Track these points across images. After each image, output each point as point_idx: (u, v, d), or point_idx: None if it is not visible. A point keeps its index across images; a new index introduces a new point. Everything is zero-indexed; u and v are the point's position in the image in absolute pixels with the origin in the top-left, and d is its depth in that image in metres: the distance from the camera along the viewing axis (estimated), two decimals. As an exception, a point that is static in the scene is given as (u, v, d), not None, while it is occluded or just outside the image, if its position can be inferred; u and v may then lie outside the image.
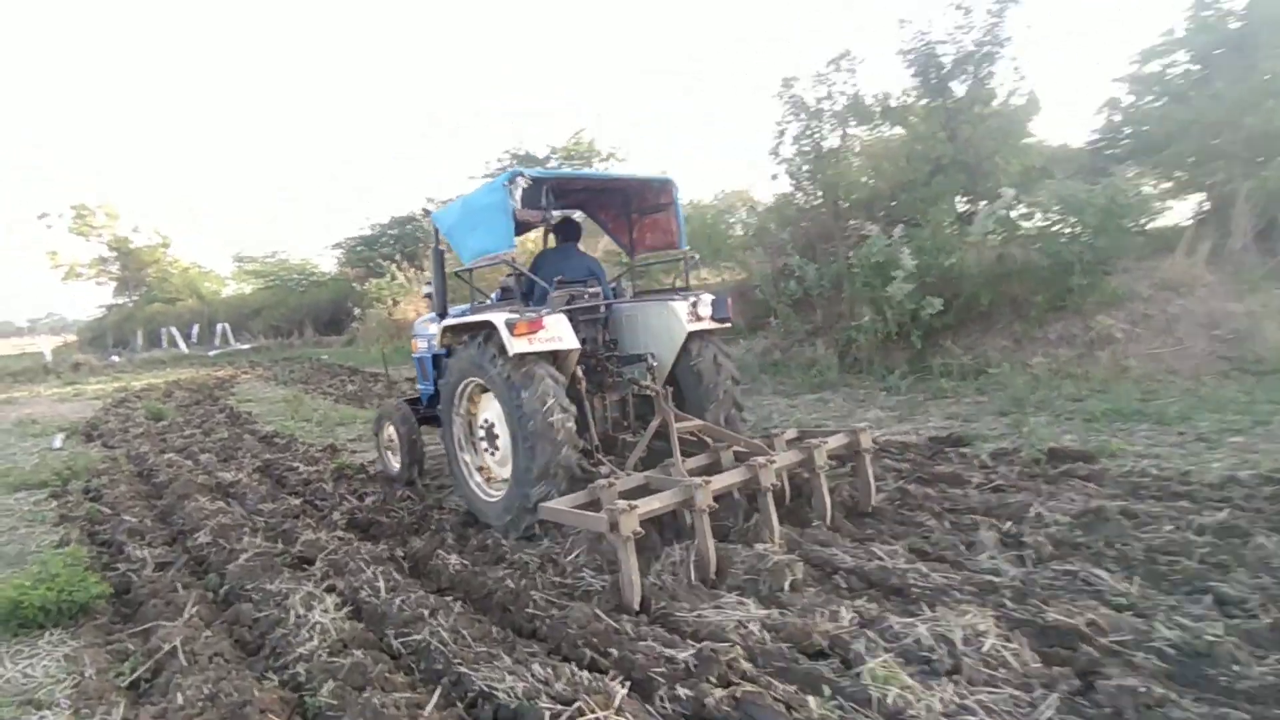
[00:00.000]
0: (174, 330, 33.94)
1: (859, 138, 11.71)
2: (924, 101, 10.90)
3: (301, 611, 3.47)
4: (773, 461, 4.09)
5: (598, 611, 3.26)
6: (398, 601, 3.52)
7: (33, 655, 3.44)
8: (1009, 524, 4.09)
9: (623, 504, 3.48)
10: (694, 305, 5.13)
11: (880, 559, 3.68)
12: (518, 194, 4.60)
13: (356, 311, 28.00)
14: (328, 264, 40.27)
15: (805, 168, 11.36)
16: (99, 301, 53.38)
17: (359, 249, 34.93)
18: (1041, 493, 4.58)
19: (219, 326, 35.10)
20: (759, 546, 3.88)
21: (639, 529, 3.45)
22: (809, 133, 11.25)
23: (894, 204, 11.28)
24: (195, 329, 35.46)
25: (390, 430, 6.45)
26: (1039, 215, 10.03)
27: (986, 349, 9.68)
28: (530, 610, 3.41)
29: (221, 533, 4.85)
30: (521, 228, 5.60)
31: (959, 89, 10.55)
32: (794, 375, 10.95)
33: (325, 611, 3.47)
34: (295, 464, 7.12)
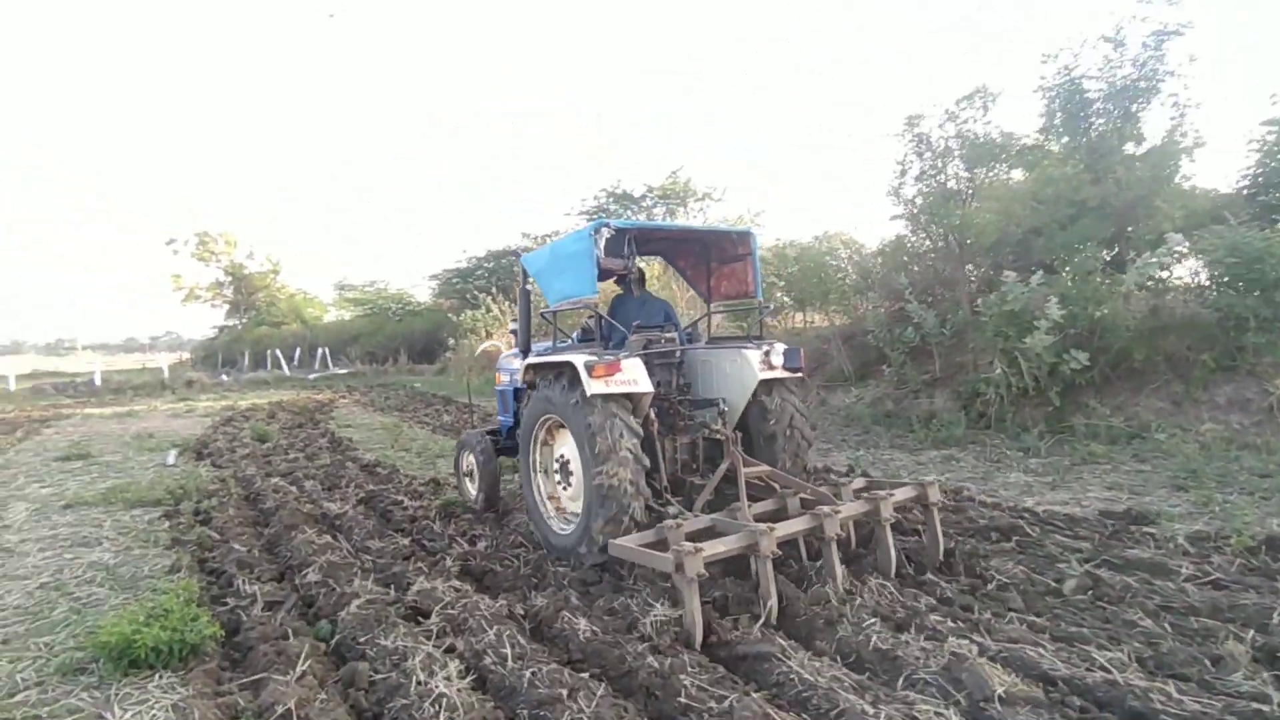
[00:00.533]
0: (278, 353, 35.54)
1: (986, 178, 10.99)
2: (1064, 140, 10.12)
3: (423, 678, 3.10)
4: (838, 511, 4.13)
5: (770, 712, 2.74)
6: (528, 675, 3.10)
7: (142, 701, 3.19)
8: (1252, 633, 3.35)
9: (689, 546, 3.56)
10: (767, 354, 5.21)
11: (1104, 669, 3.02)
12: (602, 243, 4.81)
13: (451, 342, 28.57)
14: (423, 294, 41.74)
15: (926, 209, 10.71)
16: (212, 323, 56.79)
17: (454, 281, 35.94)
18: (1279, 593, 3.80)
19: (319, 351, 36.62)
20: (933, 634, 3.37)
21: (704, 570, 3.55)
22: (932, 172, 10.62)
23: (1023, 250, 10.47)
24: (297, 352, 37.10)
25: (470, 459, 6.64)
26: (1197, 265, 9.05)
27: (1138, 410, 8.68)
28: (683, 699, 2.92)
29: (331, 572, 4.59)
30: (604, 275, 5.66)
31: (1103, 126, 9.75)
32: (912, 428, 10.17)
33: (449, 680, 3.09)
34: (399, 497, 6.92)
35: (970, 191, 10.52)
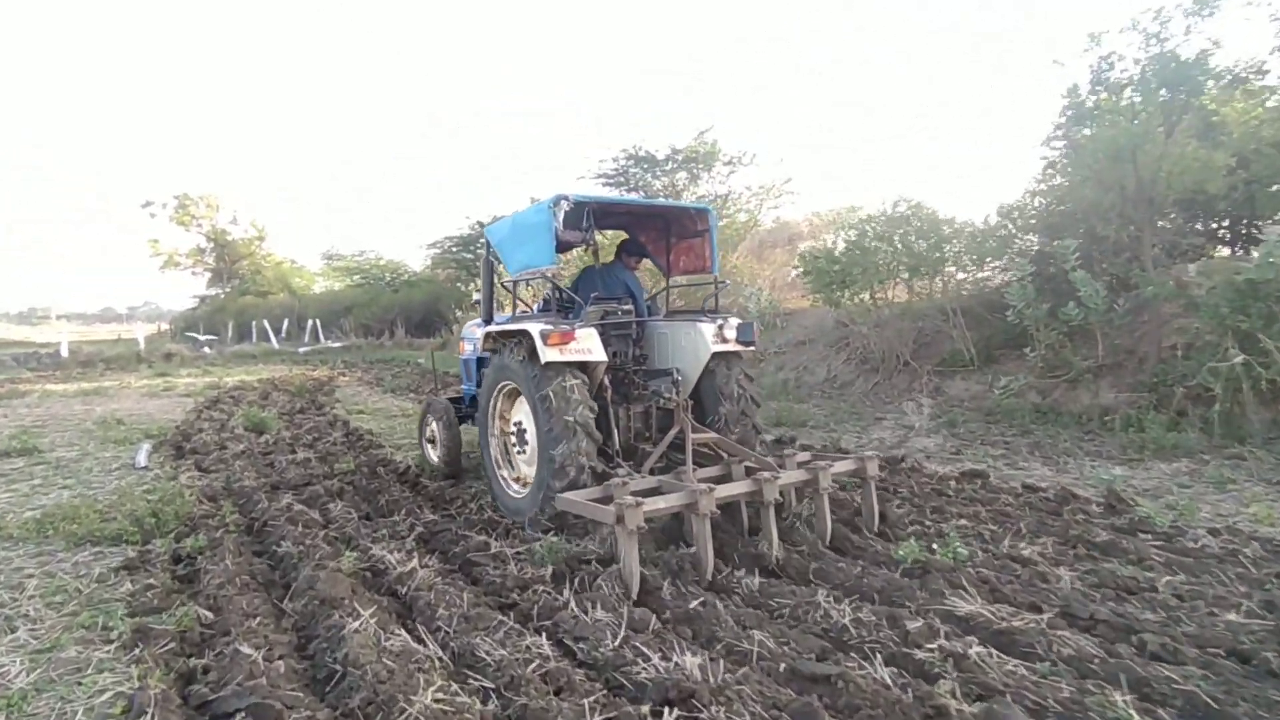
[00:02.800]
0: (265, 324, 32.91)
1: (1199, 110, 8.69)
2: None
3: None
4: (777, 477, 4.31)
5: None
6: None
7: None
8: None
9: (631, 500, 3.72)
10: (720, 328, 5.37)
11: None
12: (560, 216, 4.95)
13: (459, 314, 26.12)
14: (416, 263, 39.14)
15: (1105, 147, 8.47)
16: (192, 292, 53.82)
17: (454, 249, 33.42)
18: None
19: (309, 323, 34.02)
20: None
21: (643, 524, 3.71)
22: (1116, 104, 8.38)
23: (1231, 202, 8.31)
24: (285, 324, 34.46)
25: (433, 425, 6.89)
26: None
27: None
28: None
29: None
30: (563, 246, 5.76)
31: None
32: (1085, 428, 8.06)
33: None
34: (482, 537, 4.67)
35: (1168, 128, 8.28)
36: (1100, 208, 8.94)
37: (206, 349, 28.88)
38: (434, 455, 6.91)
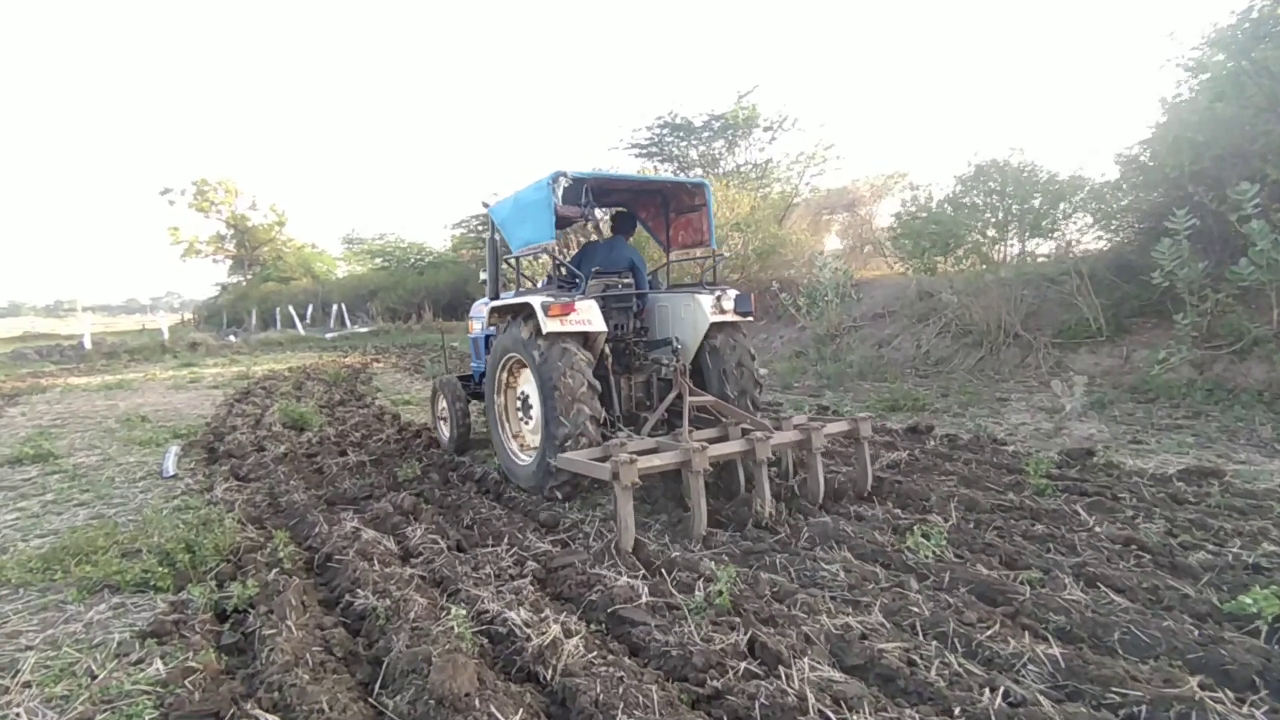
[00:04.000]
0: (291, 310, 32.04)
1: None
2: None
3: None
4: (770, 437, 4.42)
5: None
6: None
7: None
8: None
9: (625, 457, 3.88)
10: (718, 299, 5.48)
11: None
12: (559, 192, 5.03)
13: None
14: (438, 244, 38.02)
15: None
16: (214, 280, 53.31)
17: (480, 228, 32.24)
18: None
19: (334, 308, 33.11)
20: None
21: (637, 480, 3.86)
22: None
23: None
24: (310, 309, 33.58)
25: (443, 403, 6.97)
26: None
27: None
28: None
29: None
30: (562, 222, 5.77)
31: None
32: (1253, 404, 6.77)
33: None
34: (616, 577, 3.50)
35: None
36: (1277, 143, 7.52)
37: (231, 337, 28.05)
38: (445, 431, 7.05)
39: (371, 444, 7.42)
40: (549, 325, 4.78)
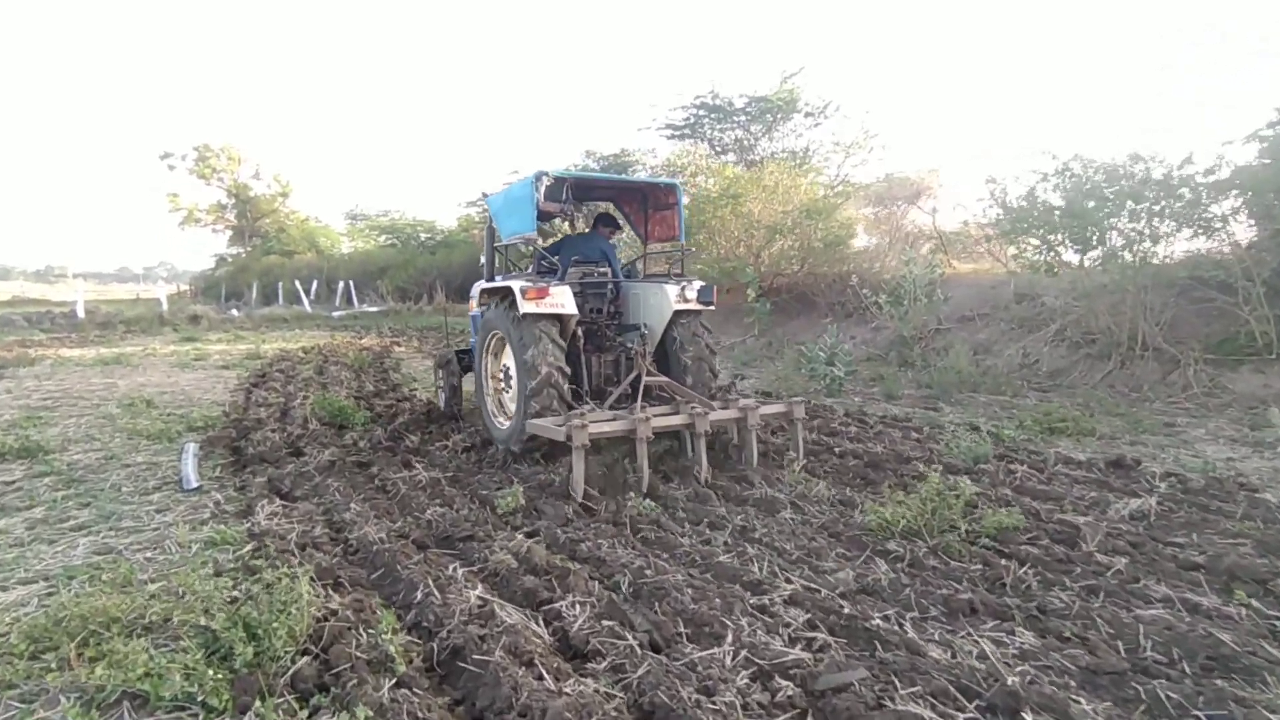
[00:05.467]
0: (297, 285, 30.53)
1: None
2: None
3: None
4: (708, 413, 5.07)
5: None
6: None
7: None
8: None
9: (578, 421, 4.56)
10: (683, 289, 5.98)
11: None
12: (542, 189, 5.64)
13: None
14: (448, 221, 36.46)
15: None
16: (212, 251, 51.63)
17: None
18: None
19: (340, 285, 31.60)
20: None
21: (587, 441, 4.58)
22: None
23: None
24: (314, 285, 32.04)
25: (442, 374, 7.65)
26: None
27: None
28: None
29: None
30: (544, 216, 6.38)
31: None
32: None
33: None
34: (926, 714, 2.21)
35: None
36: None
37: (235, 311, 26.58)
38: (442, 400, 7.62)
39: (435, 452, 6.08)
40: (525, 307, 5.32)
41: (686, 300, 5.97)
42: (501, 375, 6.13)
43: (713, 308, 6.25)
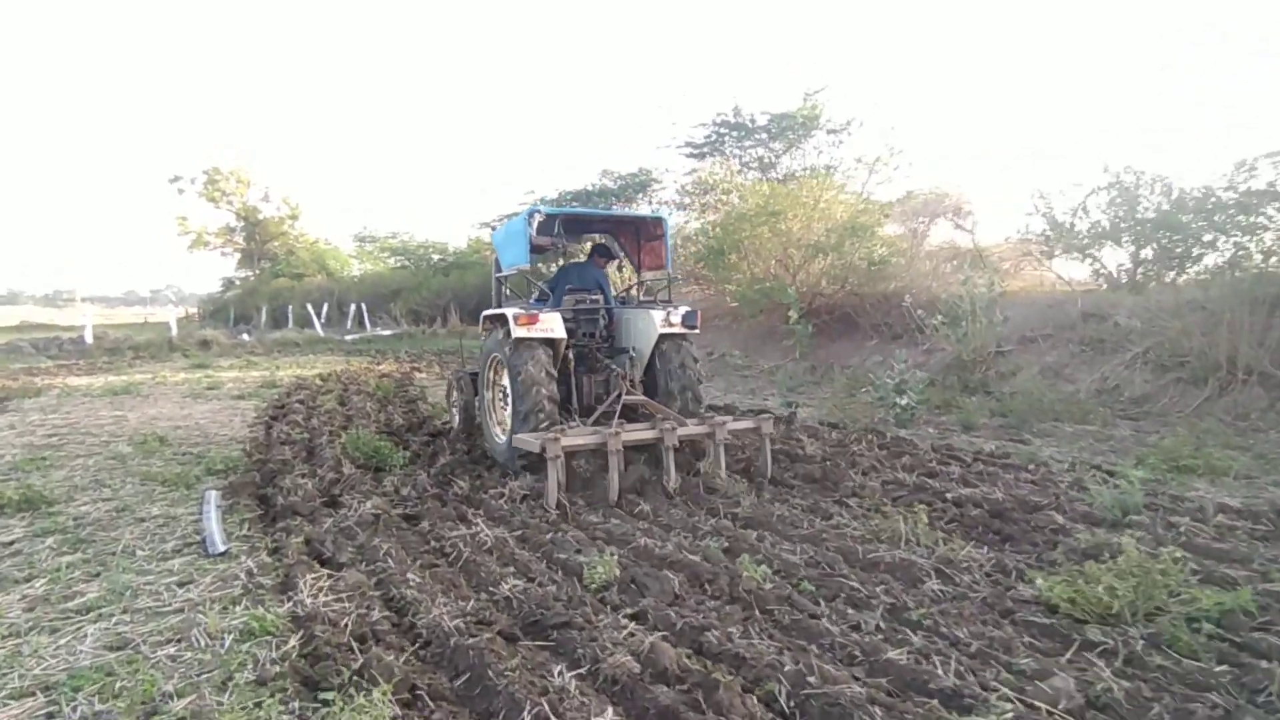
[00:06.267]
0: (309, 309, 29.96)
1: None
2: None
3: None
4: (676, 429, 5.48)
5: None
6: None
7: None
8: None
9: (551, 435, 5.05)
10: (668, 314, 6.36)
11: None
12: (535, 225, 6.18)
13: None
14: (458, 242, 35.94)
15: None
16: (219, 274, 51.33)
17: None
18: None
19: (351, 307, 31.01)
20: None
21: (560, 454, 5.02)
22: None
23: None
24: (325, 308, 31.46)
25: (453, 395, 8.10)
26: None
27: None
28: None
29: None
30: (538, 249, 6.78)
31: None
32: None
33: None
34: None
35: None
36: None
37: (245, 335, 25.98)
38: (455, 419, 7.96)
39: (491, 501, 5.34)
40: (517, 331, 5.74)
41: (671, 325, 6.36)
42: (502, 395, 6.46)
43: (697, 332, 6.63)
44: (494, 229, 7.11)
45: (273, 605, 3.52)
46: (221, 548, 4.30)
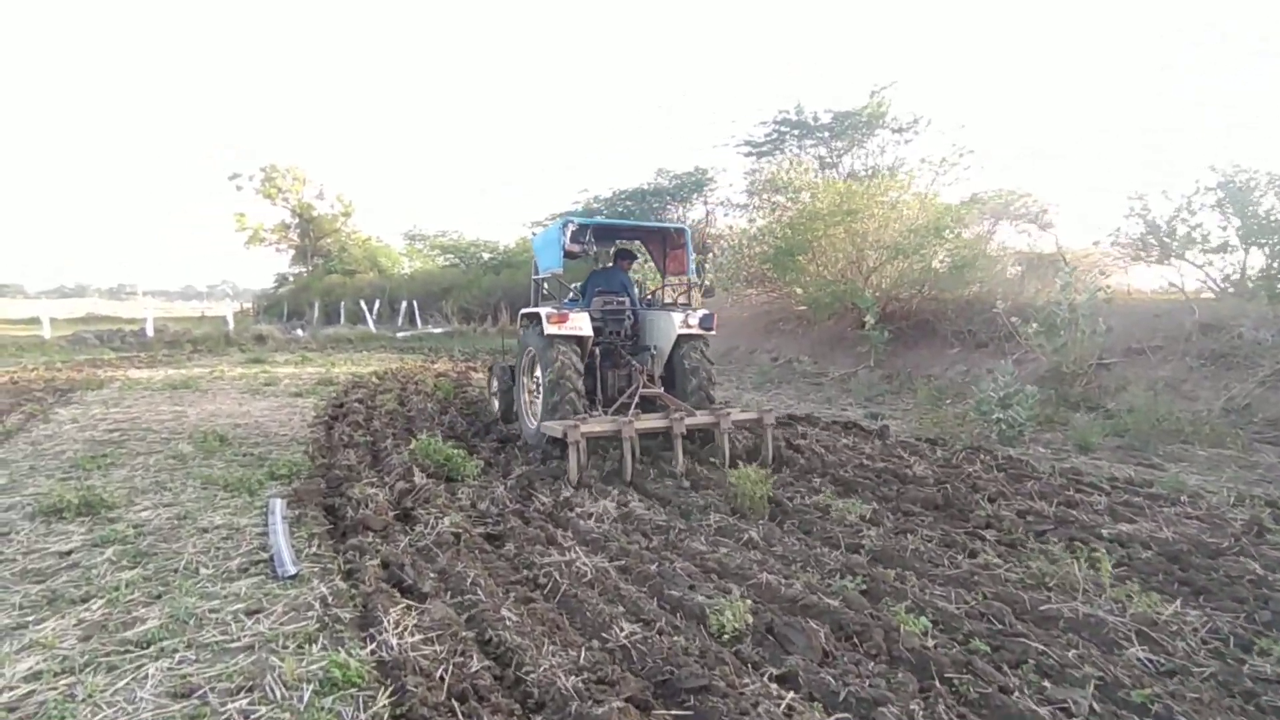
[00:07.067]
0: (362, 305, 30.08)
1: None
2: None
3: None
4: (684, 418, 6.00)
5: None
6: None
7: None
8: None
9: (573, 423, 5.68)
10: (687, 316, 6.94)
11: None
12: (569, 233, 6.85)
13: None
14: (508, 241, 35.83)
15: None
16: (273, 270, 52.28)
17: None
18: None
19: (403, 305, 31.07)
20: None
21: (580, 439, 5.63)
22: None
23: None
24: (376, 305, 31.57)
25: (495, 383, 8.76)
26: None
27: None
28: None
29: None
30: (570, 255, 7.27)
31: None
32: None
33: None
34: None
35: None
36: None
37: (299, 331, 26.14)
38: (496, 405, 8.62)
39: (579, 520, 4.82)
40: (549, 329, 6.32)
41: (689, 326, 6.93)
42: (536, 386, 6.94)
43: (713, 333, 7.22)
44: (534, 235, 7.53)
45: (354, 646, 3.04)
46: (292, 570, 3.85)
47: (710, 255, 17.58)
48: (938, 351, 12.75)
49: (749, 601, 3.39)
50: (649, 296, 8.29)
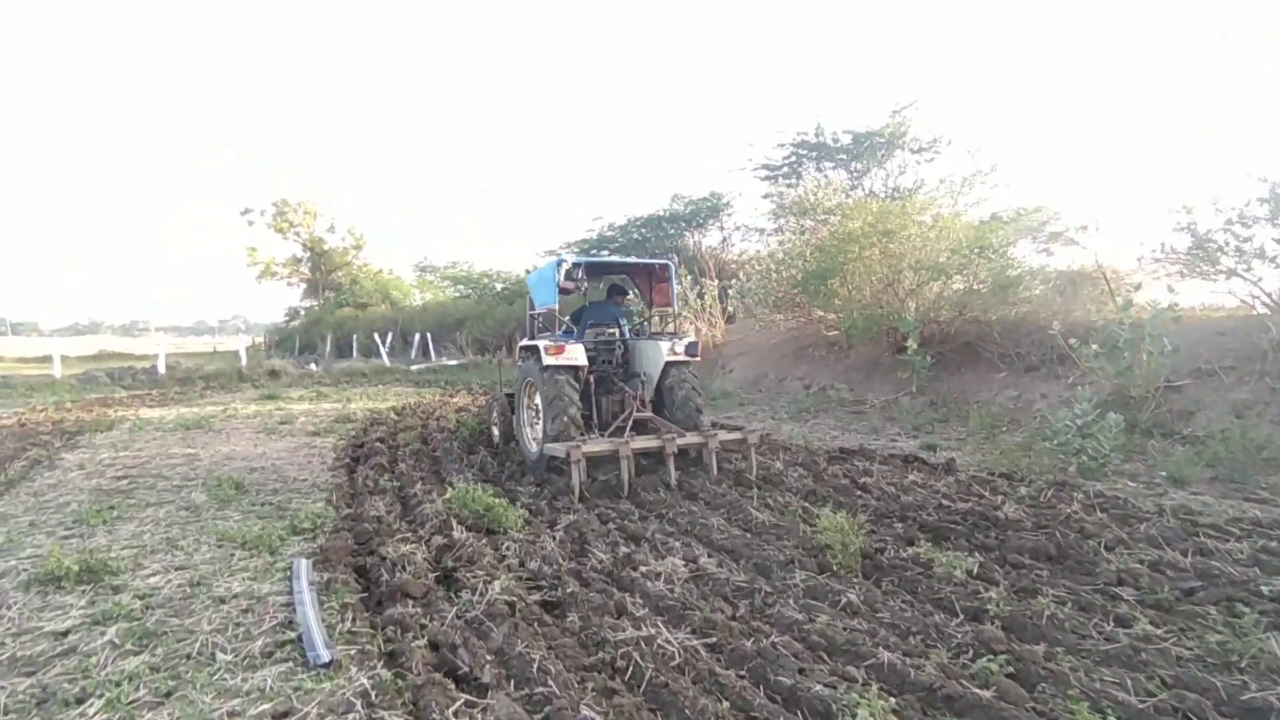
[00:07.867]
0: (376, 338, 29.71)
1: None
2: None
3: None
4: (675, 439, 6.53)
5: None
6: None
7: None
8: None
9: (574, 443, 6.21)
10: (674, 344, 7.47)
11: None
12: (562, 271, 7.35)
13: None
14: (520, 270, 35.54)
15: None
16: (284, 304, 52.24)
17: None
18: None
19: (416, 336, 30.69)
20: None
21: (581, 458, 6.12)
22: None
23: None
24: (389, 338, 31.21)
25: (495, 413, 9.30)
26: None
27: None
28: None
29: None
30: (564, 291, 7.70)
31: None
32: None
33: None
34: None
35: None
36: None
37: (313, 366, 25.72)
38: (497, 434, 9.21)
39: (645, 583, 4.21)
40: (547, 359, 6.85)
41: (676, 354, 7.43)
42: (534, 413, 7.43)
43: (698, 359, 7.78)
44: (529, 273, 8.52)
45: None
46: (326, 655, 3.26)
47: (734, 281, 17.04)
48: (983, 376, 12.11)
49: (886, 697, 2.76)
50: (640, 325, 9.05)
